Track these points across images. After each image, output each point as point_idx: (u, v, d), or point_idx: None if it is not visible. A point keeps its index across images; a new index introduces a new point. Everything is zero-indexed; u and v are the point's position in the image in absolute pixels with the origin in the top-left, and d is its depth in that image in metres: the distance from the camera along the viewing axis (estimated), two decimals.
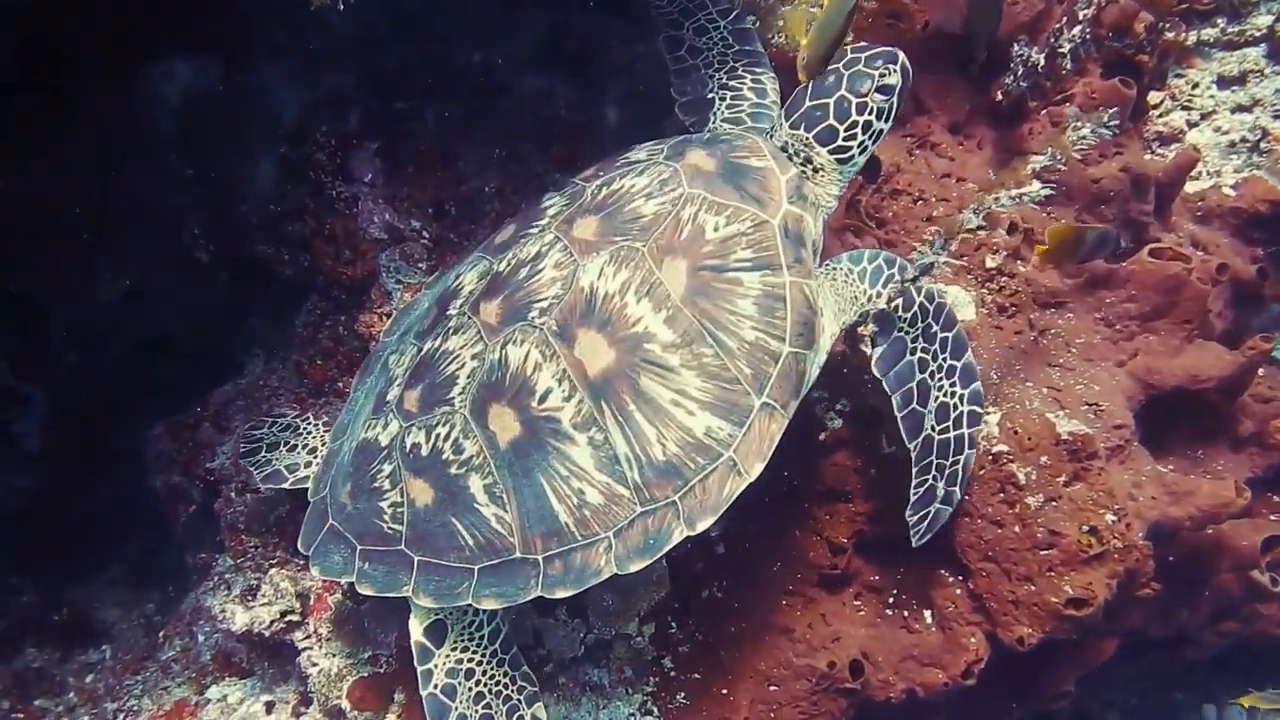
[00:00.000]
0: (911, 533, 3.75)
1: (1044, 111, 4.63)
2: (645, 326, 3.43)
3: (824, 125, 3.76)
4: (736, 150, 3.75)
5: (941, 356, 3.70)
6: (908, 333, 3.70)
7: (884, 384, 3.72)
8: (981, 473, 3.99)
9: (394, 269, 4.61)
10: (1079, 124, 3.40)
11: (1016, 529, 3.93)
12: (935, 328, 3.68)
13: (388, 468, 3.66)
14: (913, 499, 3.74)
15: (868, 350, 3.78)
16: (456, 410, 3.55)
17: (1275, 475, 4.89)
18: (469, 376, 3.56)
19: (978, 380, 3.71)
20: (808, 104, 3.79)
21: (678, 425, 3.42)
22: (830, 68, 3.74)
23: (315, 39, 4.73)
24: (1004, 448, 3.99)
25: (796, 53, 3.65)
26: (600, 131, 4.79)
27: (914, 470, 3.73)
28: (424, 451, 3.57)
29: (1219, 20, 4.87)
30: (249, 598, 4.49)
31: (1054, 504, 3.92)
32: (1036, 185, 3.45)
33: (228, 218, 4.80)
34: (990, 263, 4.39)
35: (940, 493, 3.71)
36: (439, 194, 4.68)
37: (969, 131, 4.68)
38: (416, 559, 3.57)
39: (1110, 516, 3.90)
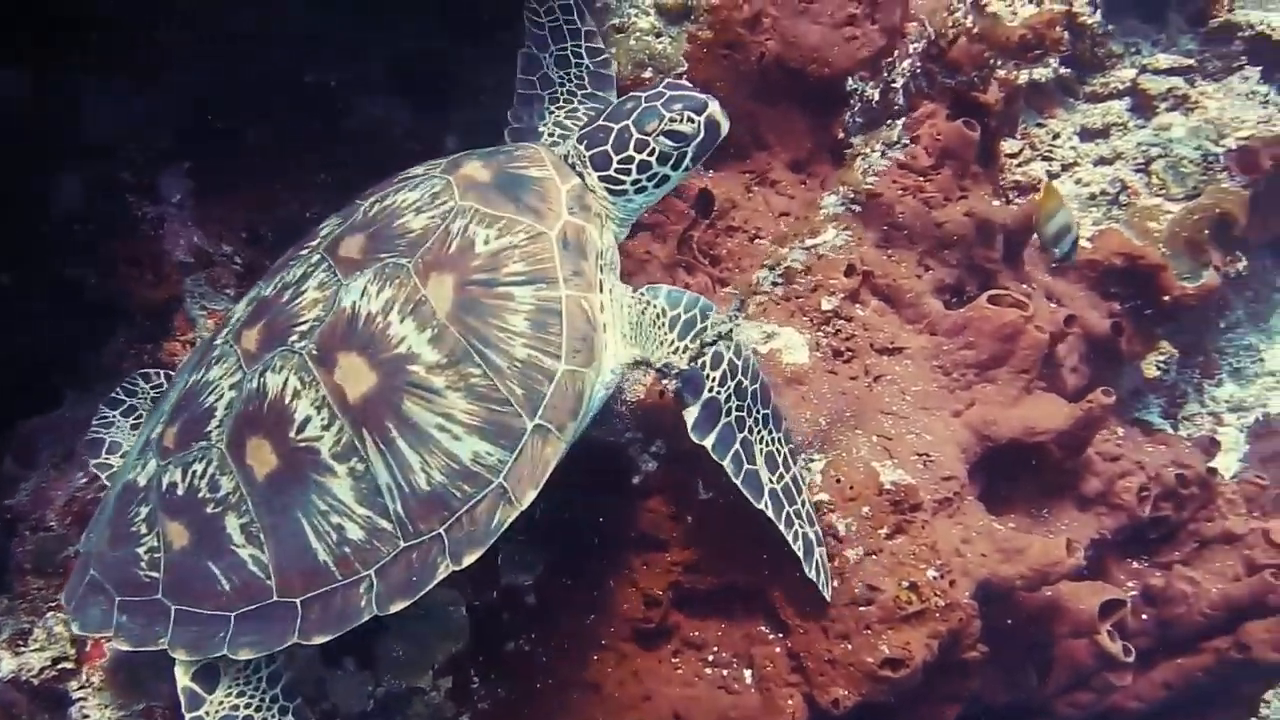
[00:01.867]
0: (820, 587, 3.64)
1: (891, 153, 4.52)
2: (409, 347, 3.22)
3: (600, 149, 3.57)
4: (515, 161, 3.58)
5: (755, 409, 3.54)
6: (718, 392, 3.50)
7: (710, 451, 3.52)
8: None
9: (199, 294, 4.40)
10: (866, 150, 3.26)
11: (835, 583, 3.75)
12: (745, 383, 3.51)
13: (144, 510, 3.43)
14: (801, 556, 3.60)
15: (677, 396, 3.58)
16: (213, 445, 3.33)
17: (1128, 537, 4.77)
18: (226, 408, 3.35)
19: (786, 419, 3.62)
20: (599, 121, 3.63)
21: (443, 451, 3.19)
22: (634, 93, 3.62)
23: (140, 53, 4.53)
24: (825, 497, 3.82)
25: None
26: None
27: (782, 528, 3.56)
28: (180, 491, 3.35)
29: (1050, 61, 4.82)
30: (19, 643, 4.19)
31: (874, 558, 3.75)
32: (832, 232, 3.27)
33: (29, 236, 4.55)
34: (826, 305, 4.25)
35: (813, 536, 3.61)
36: (253, 218, 4.49)
37: (812, 169, 4.56)
38: (174, 608, 3.32)
39: (932, 572, 3.73)
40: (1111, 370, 4.97)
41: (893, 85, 4.10)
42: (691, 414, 3.47)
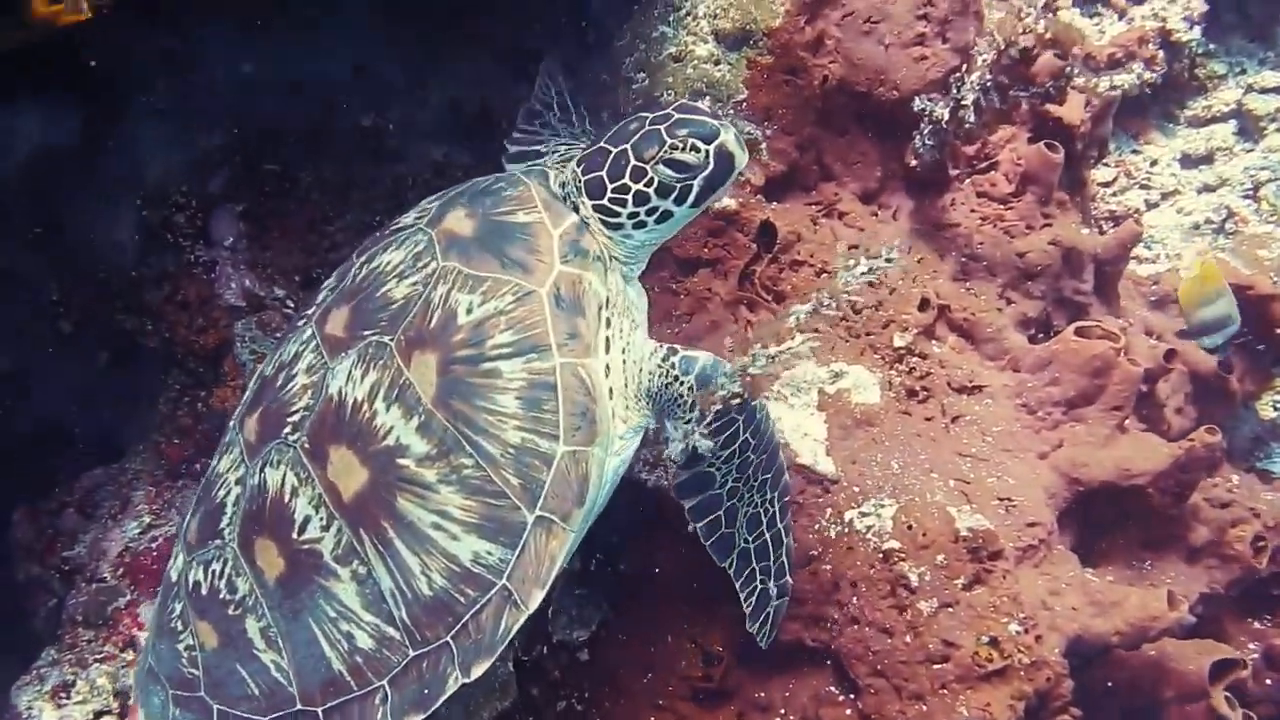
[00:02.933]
0: (759, 639, 3.41)
1: (968, 180, 4.29)
2: (397, 438, 2.98)
3: (595, 175, 3.21)
4: (502, 205, 3.23)
5: (754, 478, 3.32)
6: (719, 468, 3.27)
7: (685, 511, 3.32)
8: (870, 573, 3.57)
9: (249, 339, 4.32)
10: (850, 261, 2.99)
11: (908, 639, 3.49)
12: (752, 457, 3.28)
13: (179, 607, 3.32)
14: (749, 611, 3.40)
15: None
16: (226, 543, 3.20)
17: (1247, 593, 4.40)
18: (234, 504, 3.21)
19: (786, 475, 3.39)
20: (600, 142, 3.28)
21: (442, 552, 2.96)
22: (642, 112, 3.30)
23: (191, 96, 4.53)
24: (895, 545, 3.57)
25: None
26: None
27: (738, 585, 3.37)
28: (204, 590, 3.22)
29: (1134, 66, 4.50)
30: (61, 695, 4.12)
31: (949, 610, 3.48)
32: (799, 338, 2.96)
33: (88, 284, 4.55)
34: (899, 341, 4.01)
35: (773, 591, 3.38)
36: (308, 260, 4.42)
37: (884, 200, 4.33)
38: (215, 707, 3.20)
39: (1015, 627, 3.45)
40: (1223, 412, 4.62)
41: (963, 102, 3.85)
42: (680, 475, 3.29)
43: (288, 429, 3.13)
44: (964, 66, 3.98)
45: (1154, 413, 4.29)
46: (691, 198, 3.20)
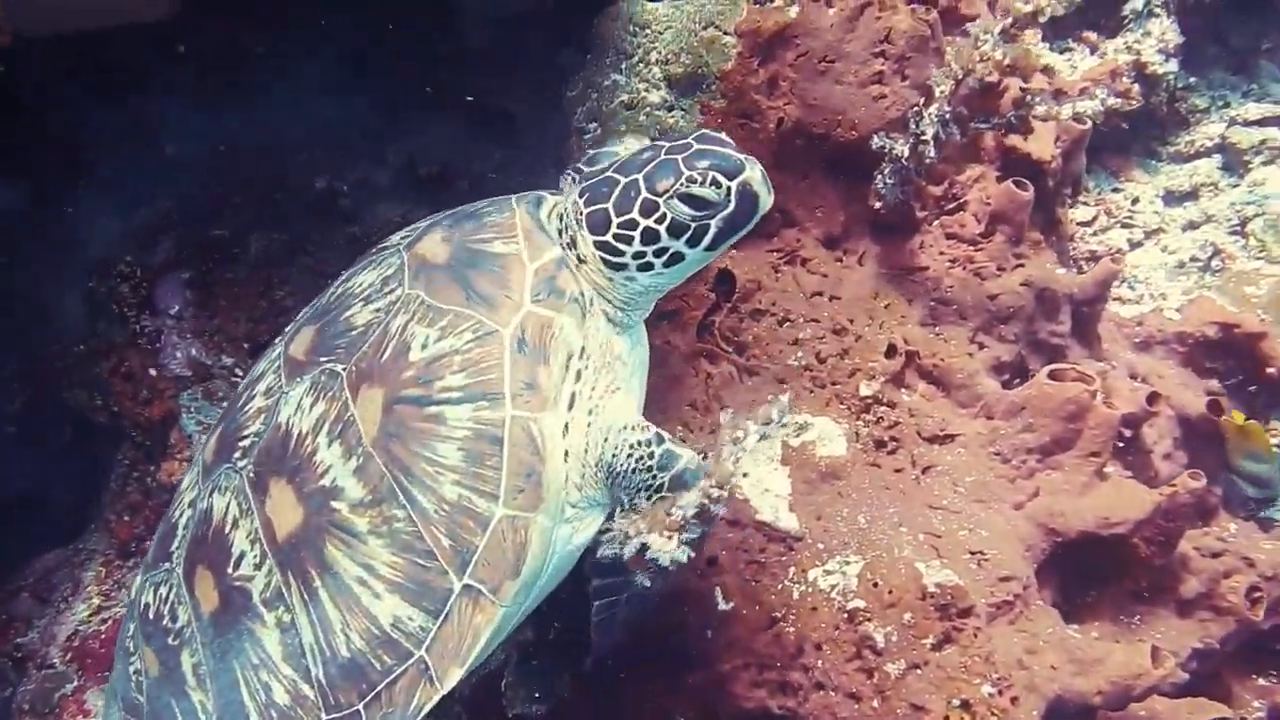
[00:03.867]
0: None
1: (937, 222, 4.17)
2: (334, 478, 2.80)
3: (600, 208, 2.93)
4: (481, 231, 2.99)
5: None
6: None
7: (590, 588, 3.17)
8: (835, 634, 3.40)
9: (195, 409, 4.23)
10: (737, 433, 2.76)
11: (875, 703, 3.32)
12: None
13: (132, 627, 3.19)
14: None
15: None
16: (174, 567, 3.06)
17: (1250, 648, 4.19)
18: (184, 527, 3.09)
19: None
20: (608, 170, 3.01)
21: (363, 611, 2.75)
22: (659, 141, 3.05)
23: (139, 165, 4.49)
24: (860, 603, 3.41)
25: None
26: None
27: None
28: (151, 614, 3.09)
29: (1097, 92, 4.37)
30: None
31: (918, 672, 3.32)
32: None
33: (39, 358, 4.49)
34: (866, 390, 3.88)
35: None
36: (256, 327, 4.34)
37: (849, 245, 4.20)
38: None
39: (988, 688, 3.28)
40: (1217, 456, 4.44)
41: (922, 137, 3.74)
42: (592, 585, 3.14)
43: (238, 454, 2.99)
44: (923, 101, 3.87)
45: (1140, 459, 4.12)
46: (707, 239, 2.92)
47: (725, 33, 4.04)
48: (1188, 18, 5.03)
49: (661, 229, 2.90)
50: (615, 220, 2.93)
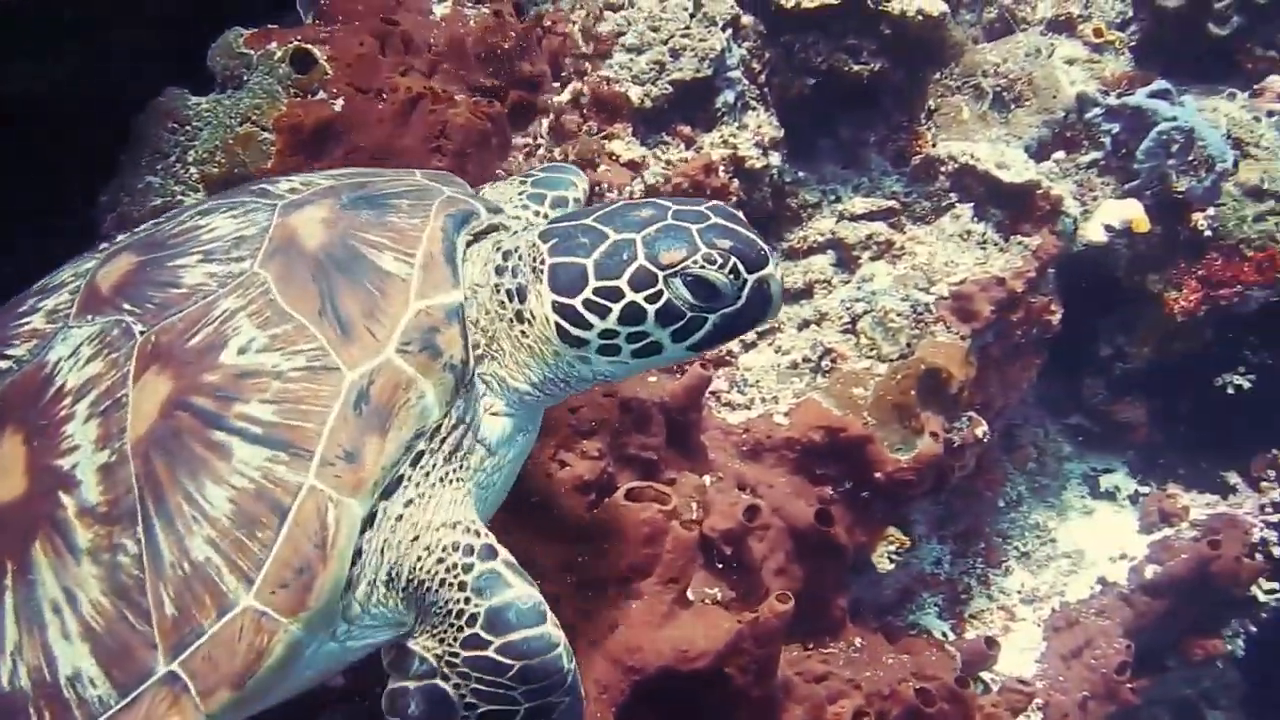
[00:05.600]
0: None
1: None
2: (75, 465, 2.24)
3: (574, 262, 2.39)
4: (378, 229, 2.45)
5: None
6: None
7: None
8: None
9: None
10: None
11: None
12: None
13: None
14: None
15: None
16: None
17: None
18: None
19: None
20: (587, 218, 2.47)
21: (41, 645, 2.18)
22: (657, 199, 2.53)
23: None
24: None
25: None
26: None
27: None
28: None
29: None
30: None
31: None
32: None
33: None
34: None
35: None
36: None
37: None
38: None
39: None
40: (836, 567, 4.27)
41: None
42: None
43: None
44: None
45: (747, 577, 3.87)
46: (698, 336, 2.41)
47: (264, 129, 3.68)
48: (790, 111, 4.98)
49: (651, 310, 2.36)
50: (593, 284, 2.37)
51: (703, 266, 2.31)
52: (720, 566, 3.75)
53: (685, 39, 4.43)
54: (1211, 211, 5.58)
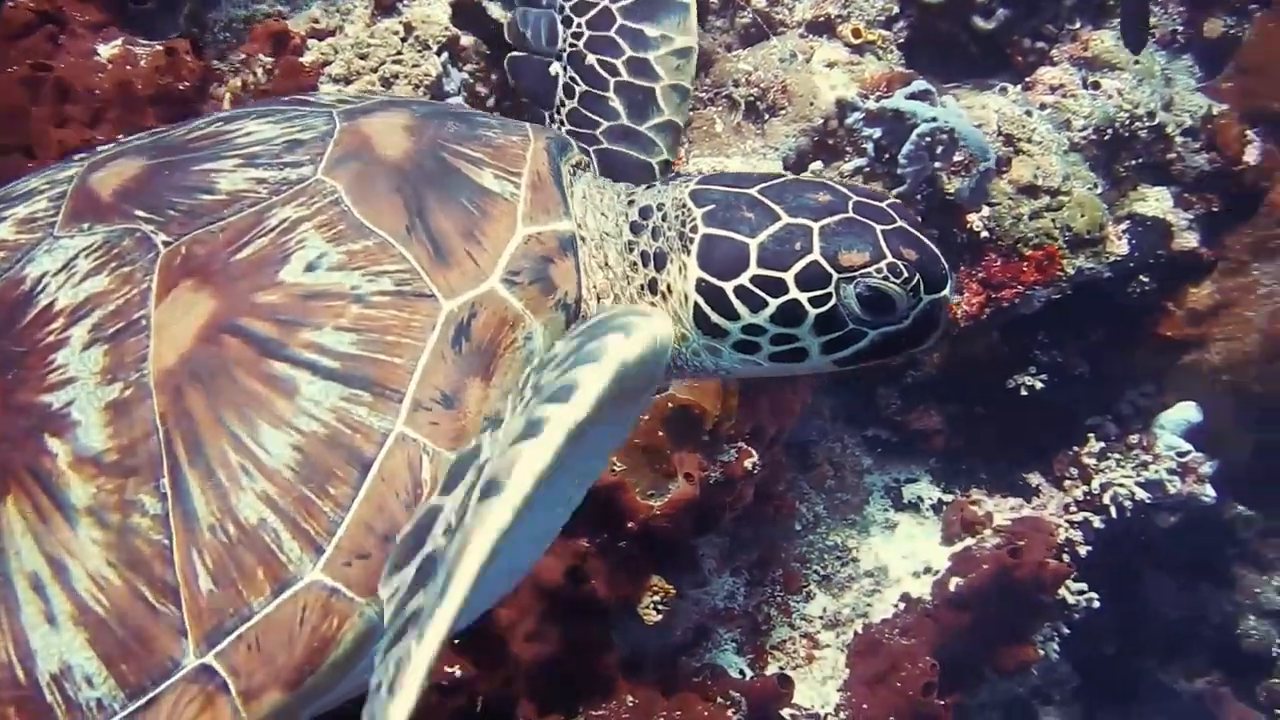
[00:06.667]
0: None
1: None
2: (70, 400, 1.78)
3: (735, 239, 2.00)
4: (471, 142, 2.08)
5: None
6: None
7: None
8: None
9: None
10: None
11: None
12: None
13: None
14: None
15: None
16: None
17: None
18: None
19: None
20: (751, 188, 2.08)
21: (14, 633, 1.70)
22: (827, 179, 2.27)
23: None
24: None
25: None
26: None
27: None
28: None
29: None
30: None
31: None
32: None
33: None
34: None
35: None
36: None
37: None
38: None
39: None
40: (597, 627, 4.03)
41: None
42: None
43: None
44: None
45: (494, 649, 3.62)
46: (849, 351, 2.05)
47: None
48: None
49: (812, 314, 1.99)
50: (753, 270, 1.99)
51: (885, 277, 1.97)
52: (456, 641, 3.48)
53: (397, 65, 4.12)
54: (986, 212, 5.47)
